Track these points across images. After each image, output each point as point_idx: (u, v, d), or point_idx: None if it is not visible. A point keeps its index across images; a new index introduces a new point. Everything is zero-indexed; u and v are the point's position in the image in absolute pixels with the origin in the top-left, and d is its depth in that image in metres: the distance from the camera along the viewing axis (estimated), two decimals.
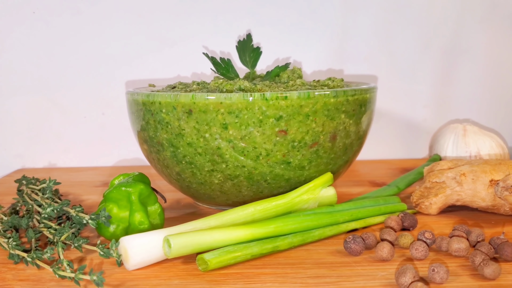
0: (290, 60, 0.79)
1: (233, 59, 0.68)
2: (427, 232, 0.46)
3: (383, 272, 0.41)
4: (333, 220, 0.50)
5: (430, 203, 0.55)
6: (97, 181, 0.72)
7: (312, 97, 0.50)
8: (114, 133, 0.80)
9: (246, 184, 0.53)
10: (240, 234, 0.44)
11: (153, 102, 0.52)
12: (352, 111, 0.54)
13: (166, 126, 0.52)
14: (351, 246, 0.45)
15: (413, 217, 0.51)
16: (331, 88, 0.57)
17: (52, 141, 0.81)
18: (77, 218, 0.48)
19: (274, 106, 0.49)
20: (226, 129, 0.50)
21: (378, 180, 0.70)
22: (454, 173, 0.54)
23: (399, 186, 0.60)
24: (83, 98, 0.80)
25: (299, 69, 0.64)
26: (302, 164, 0.53)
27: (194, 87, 0.58)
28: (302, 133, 0.51)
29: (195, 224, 0.46)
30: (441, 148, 0.68)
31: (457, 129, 0.68)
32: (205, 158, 0.52)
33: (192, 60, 0.76)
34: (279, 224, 0.46)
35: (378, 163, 0.81)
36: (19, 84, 0.79)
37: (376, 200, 0.55)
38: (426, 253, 0.44)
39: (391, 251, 0.44)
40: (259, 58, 0.63)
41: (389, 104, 0.81)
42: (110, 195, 0.48)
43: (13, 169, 0.81)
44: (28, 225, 0.49)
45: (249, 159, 0.51)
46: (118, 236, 0.48)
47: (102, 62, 0.79)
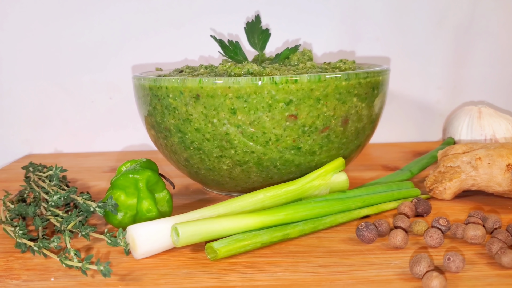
0: (300, 42, 0.77)
1: (242, 42, 0.66)
2: (442, 218, 0.45)
3: (396, 260, 0.40)
4: (345, 206, 0.48)
5: (444, 188, 0.53)
6: (105, 166, 0.72)
7: (323, 80, 0.49)
8: (121, 117, 0.79)
9: (255, 170, 0.52)
10: (249, 222, 0.43)
11: (160, 87, 0.51)
12: (365, 94, 0.52)
13: (173, 112, 0.51)
14: (363, 234, 0.43)
15: (427, 203, 0.50)
16: (342, 70, 0.55)
17: (60, 126, 0.80)
18: (84, 205, 0.47)
19: (284, 90, 0.48)
20: (234, 114, 0.49)
21: (391, 164, 0.69)
22: (469, 157, 0.53)
23: (412, 171, 0.59)
24: (90, 83, 0.78)
25: (309, 51, 0.62)
26: (313, 149, 0.51)
27: (201, 71, 0.56)
28: (313, 118, 0.49)
29: (204, 211, 0.45)
30: (455, 131, 0.66)
31: (472, 111, 0.67)
32: (213, 144, 0.50)
33: (200, 43, 0.74)
34: (290, 211, 0.45)
35: (391, 146, 0.79)
36: (25, 69, 0.78)
37: (388, 185, 0.53)
38: (441, 241, 0.42)
39: (404, 238, 0.42)
40: (268, 40, 0.61)
41: (402, 85, 0.79)
42: (117, 182, 0.48)
43: (20, 154, 0.80)
44: (35, 213, 0.48)
45: (258, 145, 0.50)
46: (126, 224, 0.47)
47: (109, 46, 0.77)
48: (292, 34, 0.77)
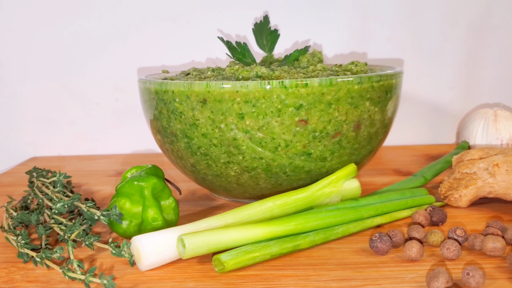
0: (309, 43, 0.75)
1: (250, 43, 0.64)
2: (459, 229, 0.43)
3: (412, 274, 0.39)
4: (358, 215, 0.47)
5: (460, 195, 0.51)
6: (110, 170, 0.70)
7: (334, 84, 0.47)
8: (127, 119, 0.78)
9: (264, 177, 0.50)
10: (258, 232, 0.42)
11: (166, 91, 0.49)
12: (378, 98, 0.50)
13: (180, 116, 0.49)
14: (377, 245, 0.42)
15: (442, 211, 0.48)
16: (354, 73, 0.53)
17: (65, 129, 0.79)
18: (88, 213, 0.46)
19: (294, 94, 0.46)
20: (242, 119, 0.47)
21: (403, 169, 0.67)
22: (486, 164, 0.51)
23: (426, 177, 0.57)
24: (96, 84, 0.77)
25: (319, 52, 0.61)
26: (324, 155, 0.50)
27: (208, 74, 0.55)
28: (324, 123, 0.48)
29: (211, 221, 0.43)
30: (470, 135, 0.64)
31: (487, 114, 0.65)
32: (220, 149, 0.49)
33: (207, 44, 0.73)
34: (300, 221, 0.44)
35: (402, 149, 0.77)
36: (30, 71, 0.77)
37: (402, 192, 0.51)
38: (458, 253, 0.41)
39: (420, 250, 0.41)
40: (277, 41, 0.60)
41: (414, 86, 0.77)
42: (122, 190, 0.46)
43: (25, 157, 0.79)
44: (38, 221, 0.47)
45: (267, 151, 0.48)
46: (131, 233, 0.46)
47: (115, 47, 0.76)
48: (302, 35, 0.75)
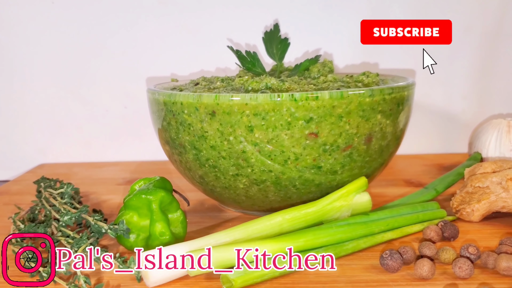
0: (320, 52, 0.74)
1: (259, 52, 0.64)
2: (471, 246, 0.42)
3: None
4: (368, 230, 0.46)
5: (472, 209, 0.50)
6: (119, 178, 0.70)
7: (345, 97, 0.46)
8: (136, 126, 0.78)
9: (273, 189, 0.50)
10: (267, 249, 0.41)
11: (175, 102, 0.49)
12: (389, 111, 0.49)
13: (188, 128, 0.49)
14: (388, 263, 0.41)
15: (454, 227, 0.47)
16: (365, 84, 0.52)
17: (74, 135, 0.79)
18: (96, 227, 0.46)
19: (304, 107, 0.46)
20: (251, 131, 0.46)
21: (414, 179, 0.66)
22: (499, 178, 0.50)
23: (437, 189, 0.56)
24: (105, 91, 0.77)
25: (330, 62, 0.60)
26: (334, 168, 0.49)
27: (217, 84, 0.54)
28: (335, 136, 0.47)
29: (219, 236, 0.43)
30: (482, 146, 0.63)
31: (501, 125, 0.63)
32: (229, 162, 0.48)
33: (216, 53, 0.72)
34: (310, 237, 0.43)
35: (413, 158, 0.76)
36: (39, 77, 0.77)
37: (413, 206, 0.51)
38: (470, 272, 0.40)
39: (431, 269, 0.40)
40: (287, 49, 0.59)
41: (425, 94, 0.76)
42: (130, 203, 0.46)
43: (34, 163, 0.79)
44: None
45: (276, 164, 0.48)
46: (138, 246, 0.45)
47: (124, 55, 0.76)
48: (312, 44, 0.74)
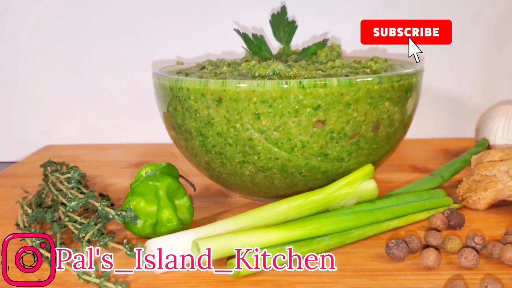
0: (328, 36, 0.73)
1: (266, 36, 0.63)
2: (477, 236, 0.42)
3: (429, 284, 0.38)
4: (374, 218, 0.46)
5: (479, 198, 0.50)
6: (124, 161, 0.70)
7: (354, 84, 0.46)
8: (142, 109, 0.77)
9: (279, 177, 0.50)
10: (273, 237, 0.41)
11: (181, 88, 0.49)
12: (397, 98, 0.49)
13: (195, 114, 0.49)
14: (393, 252, 0.41)
15: (460, 216, 0.47)
16: (374, 70, 0.52)
17: (79, 117, 0.79)
18: (103, 212, 0.46)
19: (312, 94, 0.45)
20: (258, 119, 0.46)
21: (420, 165, 0.66)
22: (507, 167, 0.50)
23: (443, 176, 0.56)
24: (110, 73, 0.77)
25: (338, 46, 0.59)
26: (341, 156, 0.49)
27: (224, 69, 0.54)
28: (342, 123, 0.47)
29: (225, 223, 0.43)
30: (489, 132, 0.63)
31: (509, 111, 0.63)
32: (235, 149, 0.48)
33: (222, 36, 0.71)
34: (316, 225, 0.43)
35: (420, 143, 0.76)
36: (45, 59, 0.76)
37: (419, 194, 0.51)
38: (476, 262, 0.40)
39: (437, 259, 0.40)
40: (294, 32, 0.58)
41: (434, 79, 0.75)
42: (137, 189, 0.46)
43: (41, 144, 0.79)
44: (53, 219, 0.47)
45: (283, 151, 0.48)
46: (145, 232, 0.46)
47: (129, 37, 0.75)
48: (320, 27, 0.73)
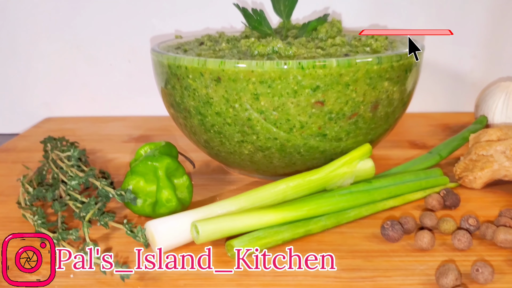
0: (328, 11, 0.72)
1: (266, 11, 0.62)
2: (471, 218, 0.43)
3: (422, 266, 0.39)
4: (370, 199, 0.47)
5: (475, 177, 0.51)
6: (124, 135, 0.71)
7: (353, 64, 0.45)
8: (140, 81, 0.77)
9: (278, 156, 0.50)
10: (271, 218, 0.42)
11: (179, 66, 0.48)
12: (397, 78, 0.49)
13: (193, 93, 0.49)
14: (388, 233, 0.42)
15: (455, 196, 0.48)
16: (374, 49, 0.51)
17: (79, 89, 0.78)
18: (103, 191, 0.46)
19: (311, 75, 0.45)
20: (257, 99, 0.46)
21: (419, 141, 0.66)
22: (503, 147, 0.50)
23: (441, 154, 0.56)
24: (109, 45, 0.76)
25: (338, 21, 0.58)
26: (339, 136, 0.49)
27: (223, 45, 0.53)
28: (341, 104, 0.47)
29: (224, 204, 0.43)
30: (488, 109, 0.63)
31: (509, 88, 0.63)
32: (234, 128, 0.48)
33: (222, 11, 0.70)
34: (313, 206, 0.44)
35: (419, 117, 0.76)
36: (43, 31, 0.75)
37: (416, 173, 0.51)
38: (469, 244, 0.41)
39: (431, 241, 0.41)
40: (295, 6, 0.58)
41: (435, 53, 0.75)
42: (137, 169, 0.46)
43: (40, 116, 0.79)
44: (54, 198, 0.48)
45: (281, 131, 0.48)
46: (145, 211, 0.46)
47: (128, 9, 0.74)
48: (320, 2, 0.72)
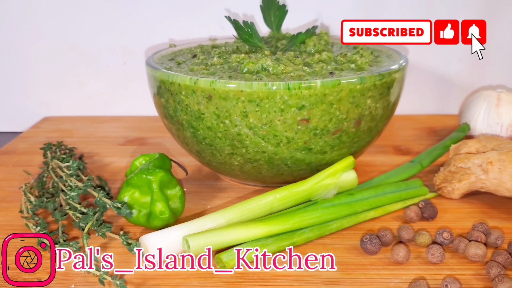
0: (317, 23, 0.74)
1: (257, 23, 0.64)
2: (446, 232, 0.46)
3: (396, 279, 0.42)
4: (352, 211, 0.50)
5: (453, 188, 0.54)
6: (120, 137, 0.73)
7: (337, 85, 0.48)
8: (135, 83, 0.79)
9: (266, 167, 0.53)
10: (257, 232, 0.45)
11: (173, 82, 0.51)
12: (379, 95, 0.51)
13: (186, 108, 0.51)
14: (367, 247, 0.45)
15: (433, 208, 0.51)
16: (359, 66, 0.54)
17: (76, 89, 0.80)
18: (101, 202, 0.49)
19: (297, 95, 0.47)
20: (246, 117, 0.49)
21: (403, 146, 0.69)
22: (481, 160, 0.53)
23: (422, 164, 0.59)
24: (105, 47, 0.78)
25: (326, 33, 0.61)
26: (324, 149, 0.52)
27: (215, 60, 0.55)
28: (325, 121, 0.49)
29: (214, 217, 0.46)
30: (471, 117, 0.65)
31: (491, 97, 0.65)
32: (225, 142, 0.51)
33: (213, 22, 0.72)
34: (297, 220, 0.47)
35: (405, 120, 0.78)
36: (41, 31, 0.77)
37: (397, 185, 0.54)
38: (442, 258, 0.44)
39: (406, 255, 0.44)
40: (285, 17, 0.60)
41: (420, 55, 0.77)
42: (132, 181, 0.49)
43: (38, 116, 0.81)
44: (55, 208, 0.50)
45: (269, 145, 0.50)
46: (140, 221, 0.49)
47: (124, 10, 0.75)
48: (310, 13, 0.73)
